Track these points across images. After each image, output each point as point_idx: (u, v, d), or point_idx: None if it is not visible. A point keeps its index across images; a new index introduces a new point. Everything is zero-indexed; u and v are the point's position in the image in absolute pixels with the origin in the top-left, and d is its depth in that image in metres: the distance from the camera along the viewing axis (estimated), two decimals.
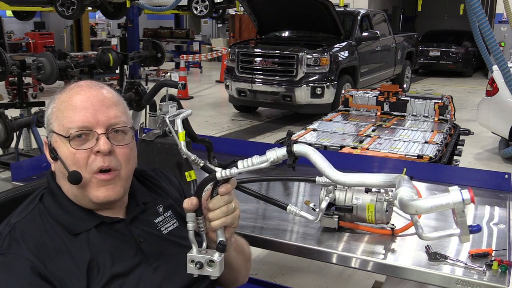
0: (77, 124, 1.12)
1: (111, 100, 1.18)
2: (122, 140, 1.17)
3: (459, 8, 8.35)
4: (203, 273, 1.10)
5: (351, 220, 1.68)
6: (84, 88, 1.17)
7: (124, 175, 1.17)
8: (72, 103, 1.14)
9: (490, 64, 6.26)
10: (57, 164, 1.16)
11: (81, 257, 1.09)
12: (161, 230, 1.24)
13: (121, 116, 1.18)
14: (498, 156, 6.28)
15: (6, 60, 5.06)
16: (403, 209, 0.89)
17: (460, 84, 13.40)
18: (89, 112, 1.13)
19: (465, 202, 0.83)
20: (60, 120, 1.14)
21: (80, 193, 1.14)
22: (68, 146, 1.13)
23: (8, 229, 1.10)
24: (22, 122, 4.81)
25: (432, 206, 0.85)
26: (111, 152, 1.14)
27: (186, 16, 20.08)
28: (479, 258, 1.47)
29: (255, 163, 1.06)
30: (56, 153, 1.14)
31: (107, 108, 1.16)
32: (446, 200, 0.84)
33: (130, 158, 1.19)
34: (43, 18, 19.66)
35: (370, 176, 0.98)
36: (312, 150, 1.06)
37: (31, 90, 9.55)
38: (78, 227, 1.13)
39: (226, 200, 1.10)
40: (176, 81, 2.22)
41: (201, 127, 7.53)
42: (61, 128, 1.14)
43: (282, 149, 1.06)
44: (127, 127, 1.19)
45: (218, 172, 1.07)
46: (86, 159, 1.13)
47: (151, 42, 6.54)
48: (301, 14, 8.16)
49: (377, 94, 4.18)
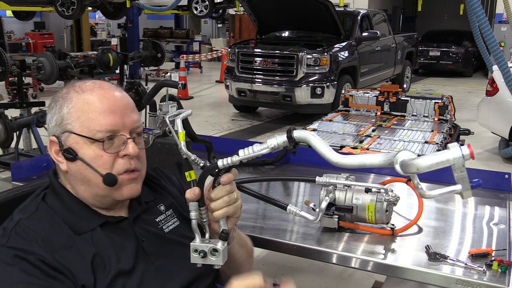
0: (106, 128, 1.14)
1: (132, 104, 1.22)
2: (140, 143, 1.22)
3: (459, 8, 8.36)
4: (207, 262, 1.10)
5: (351, 220, 1.68)
6: (106, 90, 1.18)
7: (143, 174, 1.24)
8: (98, 105, 1.15)
9: (490, 64, 6.26)
10: (74, 164, 1.15)
11: (87, 252, 1.10)
12: (162, 229, 1.25)
13: (140, 120, 1.24)
14: (498, 156, 6.28)
15: (6, 60, 5.07)
16: (404, 169, 0.89)
17: (460, 84, 13.40)
18: (117, 116, 1.16)
19: (465, 157, 0.83)
20: (84, 121, 1.14)
21: (106, 192, 1.16)
22: (94, 148, 1.14)
23: (12, 224, 1.10)
24: (22, 122, 4.81)
25: (433, 163, 0.85)
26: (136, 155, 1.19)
27: (186, 16, 20.08)
28: (479, 258, 1.47)
29: (256, 150, 1.06)
30: (76, 154, 1.14)
31: (131, 112, 1.20)
32: (446, 156, 0.84)
33: (145, 159, 1.25)
34: (43, 18, 19.67)
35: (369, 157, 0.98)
36: (312, 134, 1.06)
37: (31, 90, 9.55)
38: (83, 227, 1.14)
39: (228, 190, 1.11)
40: (176, 81, 2.22)
41: (201, 127, 7.53)
42: (85, 129, 1.14)
43: (282, 135, 1.06)
44: (143, 130, 1.24)
45: (219, 161, 1.07)
46: (113, 161, 1.15)
47: (151, 42, 6.55)
48: (301, 14, 8.16)
49: (377, 94, 4.18)
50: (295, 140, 1.06)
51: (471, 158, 0.83)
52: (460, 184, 0.86)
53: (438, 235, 1.66)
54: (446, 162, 0.84)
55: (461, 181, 0.86)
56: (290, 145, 1.06)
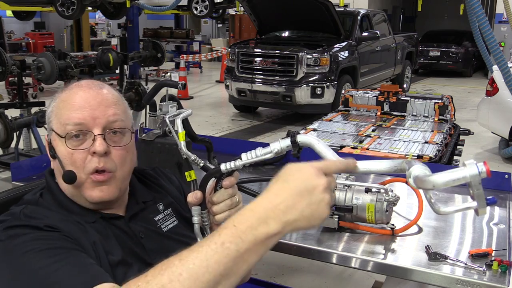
0: (73, 121, 1.11)
1: (111, 100, 1.16)
2: (119, 141, 1.16)
3: (459, 8, 8.35)
4: None
5: (351, 220, 1.68)
6: (83, 88, 1.16)
7: (120, 176, 1.16)
8: (70, 102, 1.14)
9: (490, 64, 6.26)
10: (55, 162, 1.16)
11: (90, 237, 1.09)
12: (161, 228, 1.24)
13: (120, 115, 1.17)
14: (498, 156, 6.28)
15: (6, 60, 5.07)
16: (419, 185, 0.89)
17: (460, 84, 13.40)
18: (86, 111, 1.12)
19: (481, 175, 0.83)
20: (59, 118, 1.14)
21: (76, 192, 1.15)
22: (65, 145, 1.12)
23: (19, 209, 1.09)
24: (22, 122, 4.81)
25: (449, 180, 0.85)
26: (107, 153, 1.13)
27: (186, 16, 20.08)
28: (479, 258, 1.48)
29: (259, 154, 1.05)
30: (54, 152, 1.14)
31: (105, 107, 1.14)
32: (463, 173, 0.84)
33: (126, 160, 1.17)
34: (43, 18, 19.67)
35: (376, 163, 0.98)
36: (316, 140, 1.05)
37: (31, 90, 9.56)
38: (80, 220, 1.13)
39: (230, 193, 1.11)
40: (176, 81, 2.22)
41: (201, 127, 7.53)
42: (59, 126, 1.13)
43: (286, 140, 1.05)
44: (125, 128, 1.17)
45: (222, 165, 1.07)
46: (84, 159, 1.12)
47: (151, 42, 6.55)
48: (301, 14, 8.16)
49: (377, 94, 4.18)
50: (299, 144, 1.05)
51: (487, 176, 0.83)
52: (476, 202, 0.86)
53: (438, 235, 1.66)
54: (462, 179, 0.85)
55: (477, 199, 0.86)
56: (294, 150, 1.05)
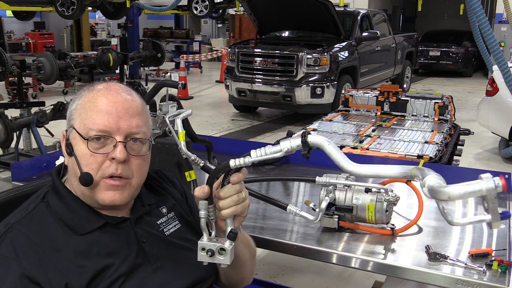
0: (98, 127, 1.13)
1: (136, 109, 1.18)
2: (138, 150, 1.18)
3: (459, 8, 8.35)
4: (214, 260, 1.10)
5: (351, 220, 1.68)
6: (112, 92, 1.17)
7: (135, 184, 1.18)
8: (97, 104, 1.15)
9: (490, 64, 6.24)
10: (71, 159, 1.16)
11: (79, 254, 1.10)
12: (163, 231, 1.25)
13: (143, 126, 1.19)
14: (498, 156, 6.28)
15: (6, 60, 5.06)
16: (434, 195, 0.89)
17: (460, 84, 13.40)
18: (112, 118, 1.14)
19: (498, 188, 0.84)
20: (83, 119, 1.15)
21: (88, 193, 1.15)
22: (85, 146, 1.14)
23: (4, 229, 1.10)
24: (22, 122, 4.82)
25: (465, 193, 0.85)
26: (126, 161, 1.15)
27: (186, 16, 20.07)
28: (479, 258, 1.47)
29: (268, 152, 1.05)
30: (72, 149, 1.15)
31: (130, 116, 1.16)
32: (479, 186, 0.84)
33: (143, 169, 1.20)
34: (43, 18, 19.65)
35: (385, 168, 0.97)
36: (327, 141, 1.05)
37: (31, 90, 9.56)
38: (83, 228, 1.14)
39: (237, 189, 1.11)
40: (176, 81, 2.22)
41: (201, 127, 7.53)
42: (81, 127, 1.14)
43: (297, 139, 1.05)
44: (145, 138, 1.19)
45: (231, 161, 1.07)
46: (101, 163, 1.14)
47: (151, 42, 6.55)
48: (301, 14, 8.16)
49: (377, 94, 4.18)
50: (309, 145, 1.04)
51: (503, 190, 0.84)
52: (490, 215, 0.87)
53: (438, 235, 1.66)
54: (478, 192, 0.85)
55: (492, 212, 0.86)
56: (304, 150, 1.05)
